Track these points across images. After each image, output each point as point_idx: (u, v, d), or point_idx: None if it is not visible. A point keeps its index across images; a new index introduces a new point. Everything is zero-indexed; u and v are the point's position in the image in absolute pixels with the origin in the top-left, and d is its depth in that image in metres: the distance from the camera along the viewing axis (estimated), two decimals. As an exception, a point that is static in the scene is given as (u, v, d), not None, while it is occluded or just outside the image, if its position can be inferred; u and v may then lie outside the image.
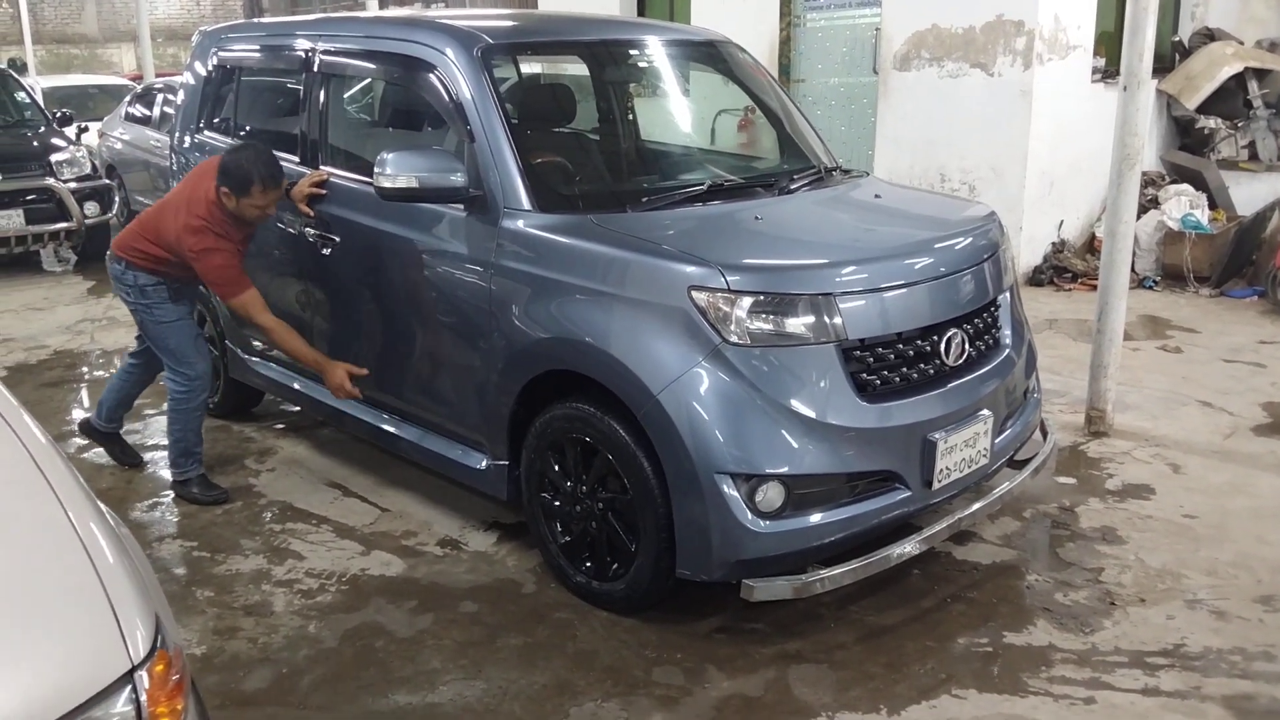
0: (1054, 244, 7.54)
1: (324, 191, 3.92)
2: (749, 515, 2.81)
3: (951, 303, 3.18)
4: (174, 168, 4.99)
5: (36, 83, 13.90)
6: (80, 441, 4.74)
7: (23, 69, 17.03)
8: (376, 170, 3.30)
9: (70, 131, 9.31)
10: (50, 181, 8.13)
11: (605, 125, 4.38)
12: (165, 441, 4.69)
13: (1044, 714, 2.73)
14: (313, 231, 3.95)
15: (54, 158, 8.31)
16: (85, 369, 5.94)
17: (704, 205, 3.43)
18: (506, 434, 3.37)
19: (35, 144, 8.59)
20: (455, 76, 3.46)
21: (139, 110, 10.06)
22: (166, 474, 4.38)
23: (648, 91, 4.68)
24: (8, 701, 1.39)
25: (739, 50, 4.37)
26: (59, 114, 9.44)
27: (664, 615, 3.16)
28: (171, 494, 4.15)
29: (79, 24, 23.82)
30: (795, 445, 2.84)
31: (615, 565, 3.16)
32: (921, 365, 3.08)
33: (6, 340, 6.38)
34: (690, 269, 2.90)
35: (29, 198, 8.06)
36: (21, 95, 9.51)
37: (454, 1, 17.01)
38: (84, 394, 5.53)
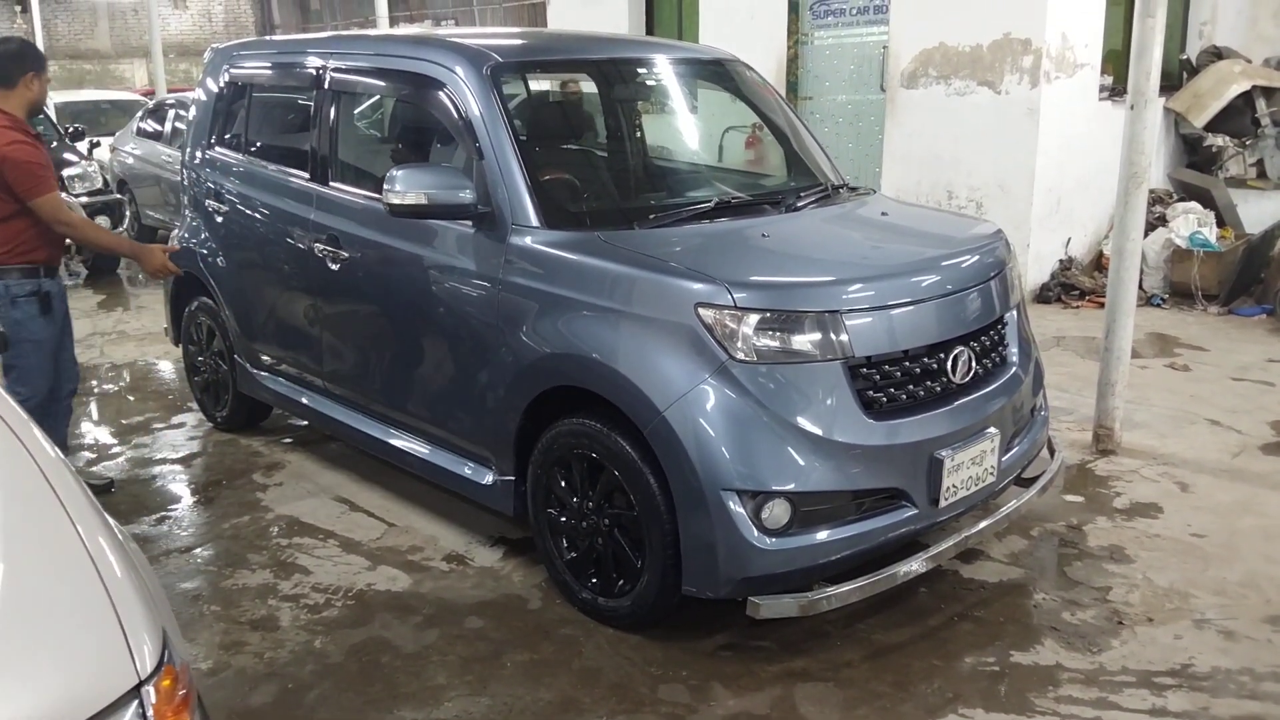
0: (1061, 261, 7.54)
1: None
2: (755, 532, 2.81)
3: (958, 320, 3.18)
4: (185, 183, 5.03)
5: (49, 98, 13.99)
6: (89, 455, 4.77)
7: (36, 84, 17.11)
8: (386, 187, 3.32)
9: (82, 146, 9.38)
10: (63, 196, 8.17)
11: (613, 143, 4.41)
12: (173, 455, 4.74)
13: (1051, 734, 2.72)
14: (322, 247, 3.98)
15: (66, 172, 8.38)
16: (95, 383, 5.96)
17: (711, 222, 3.45)
18: (513, 449, 3.37)
19: (48, 159, 8.65)
20: (464, 94, 3.48)
21: (150, 126, 10.15)
22: (174, 488, 4.40)
23: (655, 109, 4.71)
24: (16, 716, 1.40)
25: (746, 68, 4.39)
26: (71, 129, 9.52)
27: (670, 632, 3.15)
28: (179, 508, 4.16)
29: (92, 39, 24.02)
30: (801, 462, 2.84)
31: (621, 581, 3.15)
32: (928, 383, 3.08)
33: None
34: (697, 286, 2.91)
35: (41, 212, 8.11)
36: (36, 110, 9.58)
37: (464, 20, 17.13)
38: (93, 408, 5.56)
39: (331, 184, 4.07)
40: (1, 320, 3.82)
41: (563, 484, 3.25)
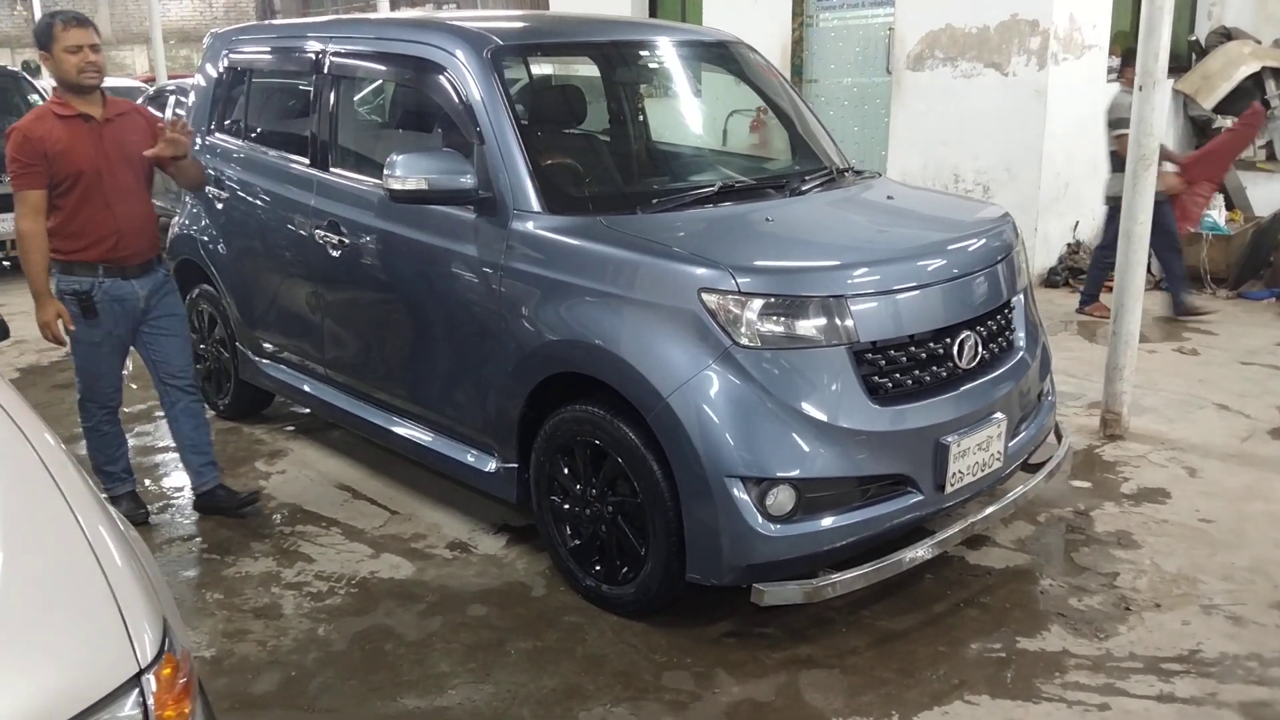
0: (1069, 245, 7.49)
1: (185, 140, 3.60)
2: (759, 519, 2.79)
3: (965, 305, 3.15)
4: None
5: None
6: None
7: (36, 71, 17.12)
8: (386, 172, 3.30)
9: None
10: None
11: (616, 126, 4.37)
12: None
13: (1058, 721, 2.71)
14: (322, 233, 3.95)
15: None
16: (98, 370, 5.95)
17: (715, 207, 3.42)
18: (516, 437, 3.35)
19: (49, 146, 8.63)
20: (465, 78, 3.45)
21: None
22: (177, 476, 4.40)
23: (659, 92, 4.67)
24: (16, 704, 1.39)
25: (751, 51, 4.35)
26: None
27: (674, 619, 3.14)
28: (182, 496, 4.15)
29: (93, 27, 23.99)
30: (806, 448, 2.81)
31: (625, 569, 3.14)
32: (934, 368, 3.06)
33: (19, 342, 6.40)
34: (700, 271, 2.88)
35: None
36: (34, 97, 9.57)
37: (466, 3, 17.03)
38: (96, 395, 5.55)
39: (332, 169, 4.04)
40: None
41: (566, 471, 3.23)
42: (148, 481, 4.32)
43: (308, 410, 4.82)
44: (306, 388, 4.34)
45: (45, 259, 3.53)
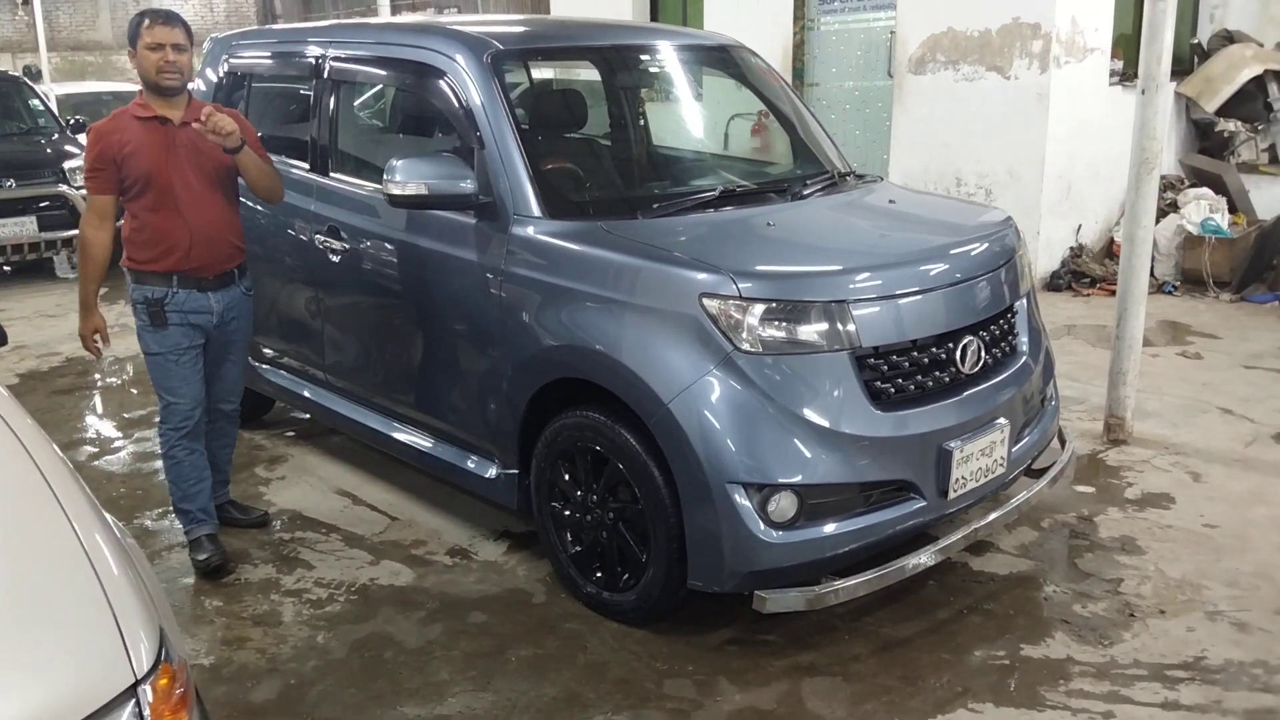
0: (1072, 249, 7.48)
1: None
2: (761, 525, 2.77)
3: (967, 309, 3.13)
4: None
5: (50, 90, 13.96)
6: (91, 449, 4.75)
7: (37, 76, 17.13)
8: (386, 177, 3.29)
9: (84, 139, 9.35)
10: (63, 188, 8.16)
11: (617, 131, 4.36)
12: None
13: (1063, 729, 2.69)
14: (322, 238, 3.94)
15: (67, 165, 8.35)
16: (97, 376, 5.95)
17: (716, 211, 3.40)
18: (516, 442, 3.34)
19: (49, 151, 8.64)
20: (465, 83, 3.44)
21: (153, 117, 10.09)
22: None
23: (659, 96, 4.66)
24: (10, 716, 1.38)
25: (752, 55, 4.34)
26: (72, 121, 9.49)
27: (675, 627, 3.12)
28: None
29: (93, 31, 23.94)
30: (808, 454, 2.80)
31: (626, 576, 3.13)
32: (936, 373, 3.04)
33: (19, 347, 6.41)
34: (702, 276, 2.87)
35: (42, 204, 8.10)
36: (35, 102, 9.57)
37: (466, 7, 17.04)
38: (96, 401, 5.54)
39: (332, 175, 4.03)
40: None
41: (567, 477, 3.22)
42: (146, 486, 4.31)
43: (308, 416, 4.80)
44: (306, 393, 4.33)
45: (99, 270, 3.41)
